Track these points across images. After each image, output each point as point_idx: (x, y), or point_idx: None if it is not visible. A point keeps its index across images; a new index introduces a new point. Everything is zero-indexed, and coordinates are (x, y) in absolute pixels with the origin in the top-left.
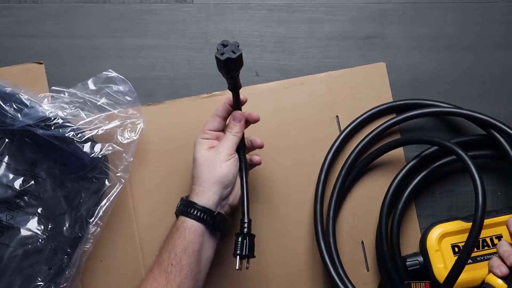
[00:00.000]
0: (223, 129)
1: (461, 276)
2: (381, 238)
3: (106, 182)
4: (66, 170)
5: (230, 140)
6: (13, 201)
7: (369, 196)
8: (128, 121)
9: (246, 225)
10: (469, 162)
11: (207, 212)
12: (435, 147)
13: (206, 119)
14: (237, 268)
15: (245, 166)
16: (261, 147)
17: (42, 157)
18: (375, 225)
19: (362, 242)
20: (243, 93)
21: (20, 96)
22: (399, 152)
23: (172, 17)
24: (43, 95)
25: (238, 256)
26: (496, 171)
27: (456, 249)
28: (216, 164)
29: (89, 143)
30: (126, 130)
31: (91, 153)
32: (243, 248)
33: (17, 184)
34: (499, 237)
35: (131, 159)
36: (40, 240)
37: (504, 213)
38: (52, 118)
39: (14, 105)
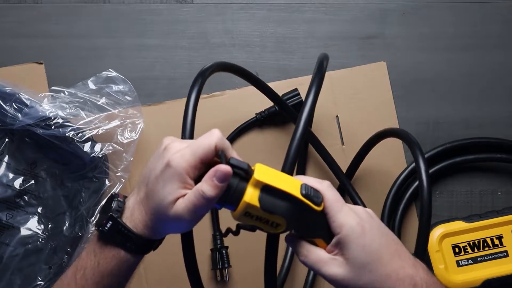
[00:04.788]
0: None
1: (461, 276)
2: None
3: (106, 182)
4: (66, 169)
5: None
6: (13, 201)
7: (369, 197)
8: (128, 121)
9: (218, 239)
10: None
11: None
12: (436, 150)
13: (206, 120)
14: (218, 279)
15: None
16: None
17: (42, 156)
18: None
19: None
20: (243, 93)
21: (20, 95)
22: (400, 154)
23: (172, 17)
24: (43, 95)
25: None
26: (496, 171)
27: (457, 250)
28: (176, 219)
29: (89, 142)
30: (126, 130)
31: (91, 153)
32: (218, 262)
33: (17, 183)
34: (500, 237)
35: (131, 159)
36: (40, 240)
37: (505, 214)
38: (52, 118)
39: (14, 105)
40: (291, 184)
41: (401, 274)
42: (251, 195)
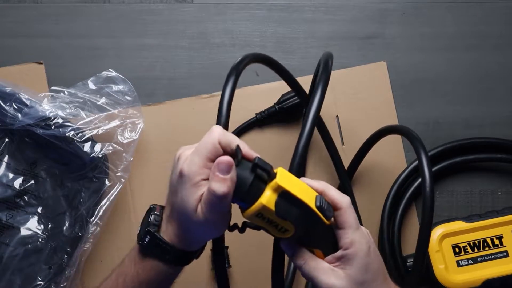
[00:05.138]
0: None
1: (461, 276)
2: (383, 238)
3: (106, 182)
4: (66, 169)
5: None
6: (13, 201)
7: (369, 197)
8: (128, 121)
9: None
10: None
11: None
12: (436, 151)
13: (206, 120)
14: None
15: None
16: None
17: (42, 156)
18: (376, 226)
19: None
20: (243, 93)
21: (20, 95)
22: (400, 154)
23: (172, 17)
24: (43, 94)
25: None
26: (496, 171)
27: (457, 250)
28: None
29: (89, 142)
30: (126, 130)
31: (91, 153)
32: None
33: (17, 183)
34: (500, 237)
35: (131, 159)
36: (40, 240)
37: (505, 214)
38: (52, 118)
39: (14, 105)
40: (307, 194)
41: None
42: (268, 198)
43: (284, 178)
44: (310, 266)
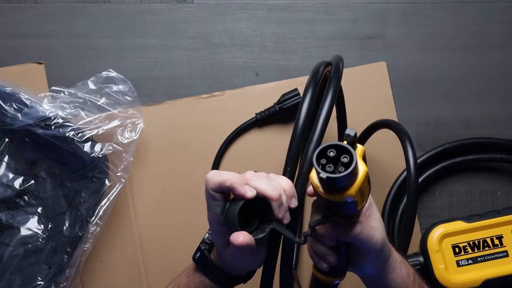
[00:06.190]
0: None
1: (461, 276)
2: None
3: (106, 182)
4: (66, 169)
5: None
6: (13, 201)
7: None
8: (128, 121)
9: None
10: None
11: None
12: (436, 151)
13: (206, 120)
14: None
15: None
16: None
17: (42, 156)
18: None
19: None
20: (243, 93)
21: (20, 96)
22: (400, 154)
23: (172, 17)
24: (43, 95)
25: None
26: (496, 171)
27: (457, 250)
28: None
29: (89, 142)
30: (126, 130)
31: (91, 153)
32: None
33: (17, 183)
34: (500, 237)
35: (131, 159)
36: (40, 240)
37: (505, 214)
38: (52, 118)
39: (14, 105)
40: None
41: None
42: (363, 164)
43: None
44: (366, 232)
